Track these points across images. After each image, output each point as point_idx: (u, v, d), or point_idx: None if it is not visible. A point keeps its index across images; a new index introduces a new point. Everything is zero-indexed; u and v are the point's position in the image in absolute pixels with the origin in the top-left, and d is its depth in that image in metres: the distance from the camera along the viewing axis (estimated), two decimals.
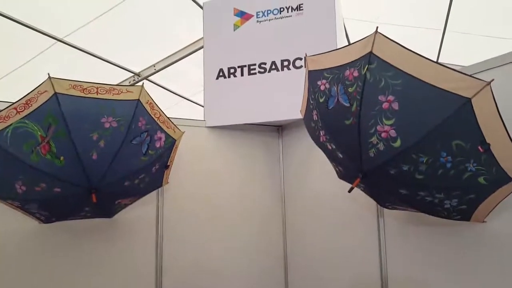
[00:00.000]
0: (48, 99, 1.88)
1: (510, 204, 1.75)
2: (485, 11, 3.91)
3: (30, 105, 1.87)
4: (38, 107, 1.88)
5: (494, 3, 3.73)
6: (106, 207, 2.35)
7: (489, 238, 1.92)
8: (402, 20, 4.41)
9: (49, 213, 2.22)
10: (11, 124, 1.84)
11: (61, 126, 1.88)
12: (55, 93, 1.88)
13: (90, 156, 1.95)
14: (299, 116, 2.21)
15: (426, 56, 1.49)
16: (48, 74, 1.89)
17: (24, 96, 1.88)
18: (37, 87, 1.90)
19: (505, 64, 1.85)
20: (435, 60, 1.66)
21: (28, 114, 1.86)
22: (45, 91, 1.89)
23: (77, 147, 1.91)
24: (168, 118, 2.28)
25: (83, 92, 1.96)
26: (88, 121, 1.94)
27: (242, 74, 3.02)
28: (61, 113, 1.87)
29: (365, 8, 4.46)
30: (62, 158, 1.91)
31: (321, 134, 1.95)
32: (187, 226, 2.88)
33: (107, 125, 1.98)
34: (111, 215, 2.50)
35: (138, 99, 2.09)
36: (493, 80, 1.38)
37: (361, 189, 2.02)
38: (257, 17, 3.02)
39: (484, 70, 1.90)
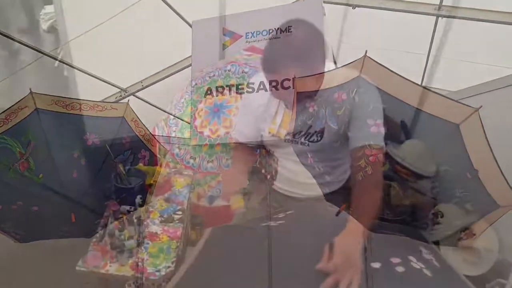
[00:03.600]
0: (29, 115, 1.82)
1: (497, 231, 1.75)
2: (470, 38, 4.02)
3: (9, 120, 1.80)
4: (18, 122, 1.81)
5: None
6: (86, 226, 2.26)
7: None
8: (387, 44, 4.49)
9: (25, 232, 2.12)
10: None
11: (41, 142, 1.82)
12: (36, 109, 1.82)
13: (70, 174, 1.88)
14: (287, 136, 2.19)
15: (414, 81, 1.49)
16: (30, 89, 1.83)
17: (4, 111, 1.80)
18: (17, 102, 1.83)
19: (493, 90, 1.87)
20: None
21: (7, 129, 1.79)
22: (26, 106, 1.82)
23: (57, 165, 1.85)
24: (153, 136, 2.23)
25: (66, 108, 1.91)
26: (69, 138, 1.89)
27: (230, 93, 3.00)
28: (42, 129, 1.82)
29: (350, 32, 4.53)
30: (41, 175, 1.84)
31: (309, 156, 1.93)
32: None
33: (89, 143, 1.93)
34: (91, 234, 2.41)
35: (123, 116, 2.04)
36: (481, 106, 1.39)
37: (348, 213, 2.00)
38: (246, 38, 3.02)
39: (471, 96, 1.92)
